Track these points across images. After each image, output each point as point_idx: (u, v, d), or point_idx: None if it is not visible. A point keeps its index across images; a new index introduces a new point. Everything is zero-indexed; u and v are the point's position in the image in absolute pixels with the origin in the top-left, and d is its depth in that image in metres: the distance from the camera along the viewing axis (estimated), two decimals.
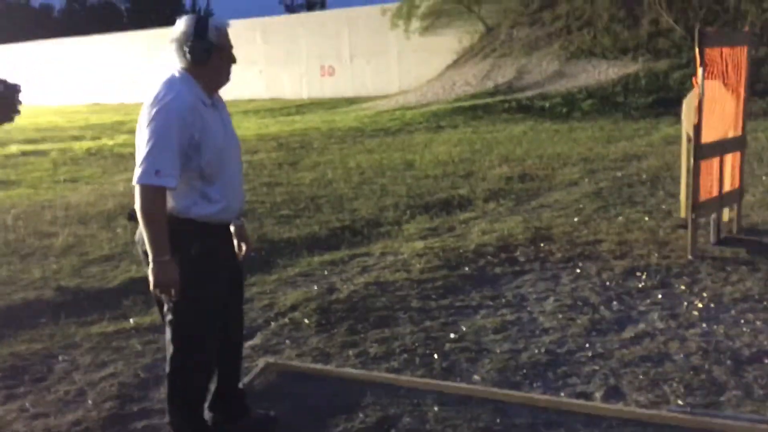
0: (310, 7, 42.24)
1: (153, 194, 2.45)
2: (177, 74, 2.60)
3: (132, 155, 2.45)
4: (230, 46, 2.64)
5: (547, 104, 14.70)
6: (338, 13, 25.69)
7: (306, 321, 4.17)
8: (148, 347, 3.89)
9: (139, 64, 29.30)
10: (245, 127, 16.45)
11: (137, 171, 2.47)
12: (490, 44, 19.69)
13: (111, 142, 14.42)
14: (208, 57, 2.56)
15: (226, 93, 2.77)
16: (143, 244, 2.55)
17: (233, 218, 2.80)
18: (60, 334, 4.14)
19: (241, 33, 27.16)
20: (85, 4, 45.53)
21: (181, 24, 2.58)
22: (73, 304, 4.66)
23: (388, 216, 6.80)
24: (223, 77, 2.67)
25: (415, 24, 21.84)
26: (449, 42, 21.35)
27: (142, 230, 2.55)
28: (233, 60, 2.66)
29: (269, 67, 26.21)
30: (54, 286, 5.05)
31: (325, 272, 5.14)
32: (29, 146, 14.16)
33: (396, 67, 23.27)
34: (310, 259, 5.46)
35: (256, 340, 3.92)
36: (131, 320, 4.29)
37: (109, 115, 22.77)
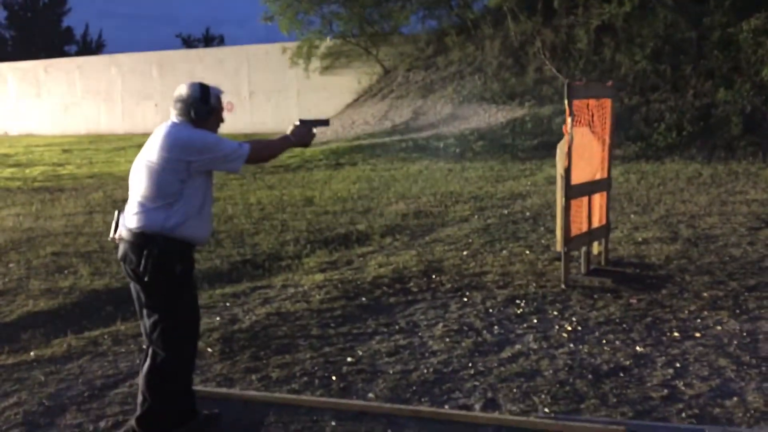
0: (207, 42, 41.98)
1: (252, 153, 3.25)
2: (178, 123, 3.19)
3: (19, 189, 2.63)
4: (221, 109, 3.31)
5: (441, 144, 15.42)
6: (238, 50, 25.76)
7: (209, 350, 4.35)
8: (51, 377, 3.96)
9: (25, 94, 28.28)
10: None
11: (237, 162, 3.22)
12: (388, 86, 20.43)
13: None
14: (208, 117, 3.23)
15: (119, 127, 3.17)
16: (131, 263, 3.06)
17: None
18: None
19: (137, 66, 26.72)
20: None
21: (188, 89, 3.19)
22: None
23: (289, 250, 7.06)
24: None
25: (315, 63, 22.35)
26: (349, 82, 21.96)
27: (128, 245, 3.07)
28: (222, 120, 3.34)
29: (165, 101, 25.93)
30: None
31: (227, 304, 5.33)
32: None
33: (296, 104, 23.62)
34: (212, 292, 5.63)
35: None
36: (32, 353, 4.33)
37: None
